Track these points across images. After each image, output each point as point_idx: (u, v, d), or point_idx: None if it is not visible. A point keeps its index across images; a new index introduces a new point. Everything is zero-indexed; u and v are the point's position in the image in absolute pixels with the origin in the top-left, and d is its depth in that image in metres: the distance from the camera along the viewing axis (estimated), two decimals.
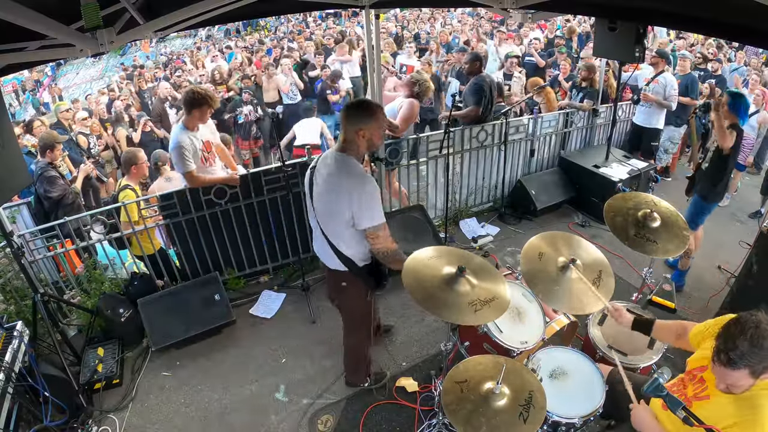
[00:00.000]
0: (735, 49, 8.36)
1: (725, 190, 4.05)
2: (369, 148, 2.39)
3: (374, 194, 2.29)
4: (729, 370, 1.50)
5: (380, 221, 2.31)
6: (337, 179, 2.31)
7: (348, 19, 15.05)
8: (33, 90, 13.08)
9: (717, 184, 3.78)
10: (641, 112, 5.60)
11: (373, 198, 2.28)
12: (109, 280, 3.99)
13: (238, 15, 2.93)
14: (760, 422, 1.49)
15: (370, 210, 2.27)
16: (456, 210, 5.20)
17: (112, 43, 2.11)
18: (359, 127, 2.27)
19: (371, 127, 2.29)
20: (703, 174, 3.83)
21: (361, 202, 2.26)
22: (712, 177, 3.75)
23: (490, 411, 1.97)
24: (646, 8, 2.82)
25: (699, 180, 3.88)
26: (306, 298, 4.02)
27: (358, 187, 2.26)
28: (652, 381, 1.47)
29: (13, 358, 2.72)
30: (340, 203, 2.29)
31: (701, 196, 3.87)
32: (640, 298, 3.38)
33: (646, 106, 5.48)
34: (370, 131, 2.29)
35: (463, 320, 2.25)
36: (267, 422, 3.07)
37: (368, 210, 2.27)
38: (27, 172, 2.82)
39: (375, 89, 4.02)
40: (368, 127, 2.28)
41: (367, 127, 2.28)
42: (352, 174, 2.29)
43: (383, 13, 3.84)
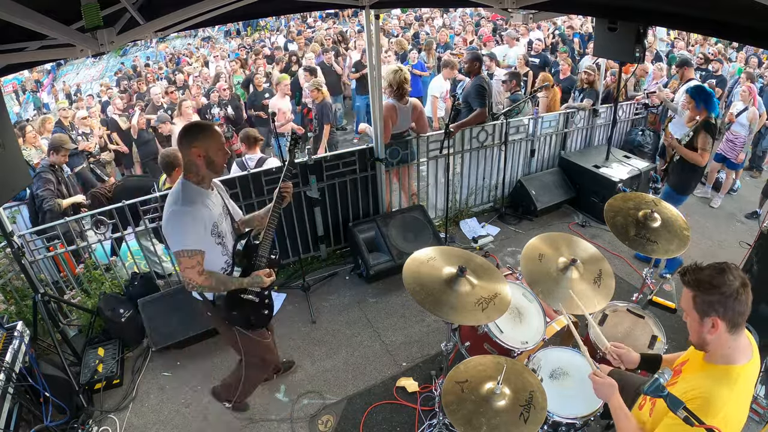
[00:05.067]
0: (735, 49, 8.37)
1: (697, 182, 4.17)
2: (210, 167, 2.26)
3: (183, 218, 2.19)
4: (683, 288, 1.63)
5: (183, 246, 2.18)
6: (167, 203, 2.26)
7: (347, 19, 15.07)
8: (34, 91, 13.09)
9: (689, 177, 3.94)
10: (673, 124, 5.51)
11: (180, 221, 2.18)
12: (110, 280, 4.00)
13: (238, 15, 2.93)
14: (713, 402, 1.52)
15: (175, 233, 2.19)
16: (456, 210, 5.20)
17: (112, 43, 2.11)
18: (192, 146, 2.20)
19: (206, 145, 2.21)
20: (674, 166, 3.90)
21: (168, 222, 2.20)
22: (682, 169, 3.88)
23: (490, 411, 1.97)
24: (646, 8, 2.82)
25: (671, 172, 3.94)
26: (306, 299, 4.02)
27: (169, 207, 2.21)
28: (652, 381, 1.47)
29: (14, 358, 2.73)
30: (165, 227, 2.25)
31: (673, 188, 4.00)
32: (640, 298, 3.38)
33: (677, 117, 5.41)
34: (204, 148, 2.20)
35: (471, 320, 2.26)
36: (267, 422, 3.07)
37: (174, 233, 2.20)
38: (27, 172, 2.82)
39: (375, 89, 4.01)
40: (201, 144, 2.20)
41: (200, 144, 2.20)
42: (172, 195, 2.25)
43: (383, 13, 3.83)
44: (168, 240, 2.24)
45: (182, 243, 2.19)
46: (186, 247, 2.19)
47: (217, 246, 2.34)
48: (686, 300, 1.63)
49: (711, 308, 1.56)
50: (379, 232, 4.32)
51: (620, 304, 2.96)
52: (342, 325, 3.85)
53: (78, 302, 3.85)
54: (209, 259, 2.29)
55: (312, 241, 4.54)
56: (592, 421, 2.30)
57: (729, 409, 1.52)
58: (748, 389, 1.60)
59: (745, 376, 1.58)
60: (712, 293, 1.55)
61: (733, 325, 1.56)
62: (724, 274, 1.55)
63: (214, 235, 2.31)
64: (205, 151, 2.21)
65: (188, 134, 2.23)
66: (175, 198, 2.24)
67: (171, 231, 2.21)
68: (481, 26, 11.81)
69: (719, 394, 1.53)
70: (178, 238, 2.20)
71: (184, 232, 2.19)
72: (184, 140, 2.22)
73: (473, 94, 4.85)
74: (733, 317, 1.54)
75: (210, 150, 2.22)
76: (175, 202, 2.22)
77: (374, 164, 4.41)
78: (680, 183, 3.97)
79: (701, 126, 3.78)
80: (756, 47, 6.60)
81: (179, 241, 2.19)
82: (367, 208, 4.62)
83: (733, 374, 1.56)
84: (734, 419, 1.55)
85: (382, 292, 4.18)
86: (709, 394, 1.54)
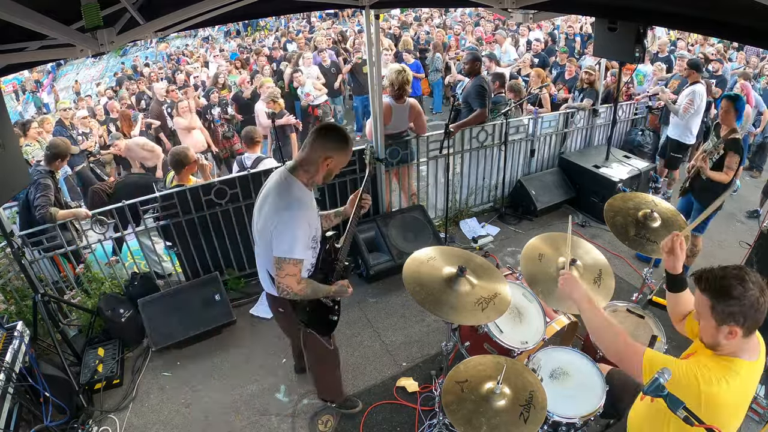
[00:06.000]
0: (735, 49, 8.37)
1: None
2: (325, 179, 2.24)
3: (299, 224, 2.12)
4: (698, 292, 1.59)
5: (290, 255, 2.11)
6: (270, 198, 2.18)
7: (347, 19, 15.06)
8: (34, 91, 13.10)
9: (719, 192, 3.79)
10: (673, 124, 5.54)
11: (292, 227, 2.11)
12: (110, 280, 4.00)
13: (238, 15, 2.93)
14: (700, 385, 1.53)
15: (284, 238, 2.10)
16: (456, 210, 5.20)
17: (112, 43, 2.11)
18: (328, 154, 2.14)
19: (338, 159, 2.17)
20: (705, 183, 3.81)
21: (279, 226, 2.11)
22: (715, 187, 3.76)
23: (490, 411, 1.97)
24: (646, 8, 2.82)
25: (701, 189, 3.86)
26: None
27: (285, 210, 2.12)
28: (652, 381, 1.47)
29: (14, 359, 2.73)
30: (268, 222, 2.16)
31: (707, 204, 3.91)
32: (640, 298, 3.38)
33: (675, 119, 5.39)
34: (336, 161, 2.17)
35: (470, 320, 2.26)
36: (267, 422, 3.07)
37: (282, 237, 2.10)
38: (27, 172, 2.82)
39: (375, 89, 4.01)
40: (335, 158, 2.16)
41: (334, 156, 2.15)
42: (284, 197, 2.14)
43: (383, 13, 3.83)
44: (278, 242, 2.12)
45: (291, 251, 2.11)
46: (294, 255, 2.11)
47: (311, 250, 2.27)
48: (703, 306, 1.57)
49: (731, 318, 1.51)
50: (379, 232, 4.32)
51: (620, 304, 2.96)
52: (342, 325, 3.82)
53: (78, 302, 3.85)
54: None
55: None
56: (592, 421, 2.30)
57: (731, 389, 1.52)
58: (750, 383, 1.60)
59: (748, 371, 1.58)
60: (732, 304, 1.50)
61: (749, 332, 1.55)
62: (745, 284, 1.49)
63: (313, 240, 2.26)
64: (335, 163, 2.18)
65: (330, 139, 2.15)
66: (289, 199, 2.13)
67: (282, 236, 2.10)
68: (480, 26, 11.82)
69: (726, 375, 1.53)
70: (288, 245, 2.10)
71: (296, 240, 2.11)
72: (323, 141, 2.14)
73: (473, 94, 4.85)
74: (751, 325, 1.53)
75: (338, 165, 2.20)
76: (290, 205, 2.12)
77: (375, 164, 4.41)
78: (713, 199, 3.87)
79: (731, 145, 3.64)
80: (756, 47, 6.60)
81: (289, 248, 2.10)
82: None
83: (737, 365, 1.56)
84: (732, 402, 1.56)
85: (382, 292, 4.18)
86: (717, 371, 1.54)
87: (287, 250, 2.11)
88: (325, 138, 2.15)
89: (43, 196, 3.69)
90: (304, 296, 2.27)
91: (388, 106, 4.29)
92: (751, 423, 2.89)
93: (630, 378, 2.31)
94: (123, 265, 4.12)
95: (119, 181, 4.89)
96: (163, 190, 3.83)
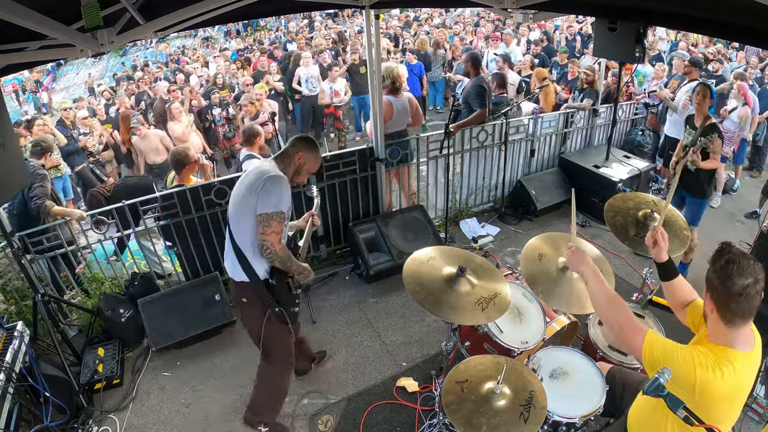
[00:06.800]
0: (735, 49, 8.37)
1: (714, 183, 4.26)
2: (297, 175, 2.51)
3: (283, 183, 2.34)
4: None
5: (278, 209, 2.30)
6: (252, 174, 2.39)
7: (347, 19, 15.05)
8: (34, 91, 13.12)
9: (709, 180, 3.98)
10: (669, 122, 5.53)
11: (280, 185, 2.32)
12: (110, 280, 4.00)
13: (238, 15, 2.94)
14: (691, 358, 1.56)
15: (271, 195, 2.30)
16: (456, 210, 5.20)
17: (112, 43, 2.11)
18: (300, 149, 2.47)
19: (308, 157, 2.49)
20: (693, 176, 3.90)
21: (267, 187, 2.30)
22: (703, 176, 3.90)
23: (490, 411, 1.97)
24: (646, 8, 2.82)
25: (690, 182, 3.93)
26: (306, 299, 4.02)
27: (267, 172, 2.34)
28: (652, 381, 1.47)
29: (14, 359, 2.73)
30: (250, 192, 2.33)
31: (701, 198, 4.00)
32: (640, 298, 3.38)
33: (675, 117, 5.41)
34: (305, 157, 2.48)
35: (471, 320, 2.26)
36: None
37: (270, 195, 2.29)
38: (27, 172, 2.82)
39: (375, 89, 4.01)
40: (305, 154, 2.48)
41: (304, 153, 2.47)
42: (267, 170, 2.37)
43: (383, 13, 3.83)
44: (264, 200, 2.29)
45: (279, 205, 2.30)
46: (281, 209, 2.31)
47: (285, 227, 2.45)
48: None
49: (708, 284, 1.60)
50: (379, 232, 4.32)
51: None
52: (342, 325, 3.85)
53: (78, 302, 3.85)
54: None
55: (312, 241, 4.54)
56: (592, 421, 2.30)
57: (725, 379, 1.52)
58: (745, 374, 1.59)
59: (742, 361, 1.57)
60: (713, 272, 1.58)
61: (721, 310, 1.56)
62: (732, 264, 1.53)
63: (287, 218, 2.43)
64: (304, 161, 2.49)
65: (305, 140, 2.53)
66: (270, 170, 2.37)
67: (269, 192, 2.29)
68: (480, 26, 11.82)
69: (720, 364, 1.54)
70: (275, 199, 2.30)
71: (283, 196, 2.32)
72: (299, 140, 2.51)
73: (473, 94, 4.85)
74: (722, 306, 1.55)
75: (308, 163, 2.51)
76: (275, 172, 2.36)
77: (374, 164, 4.42)
78: (704, 189, 3.98)
79: (715, 131, 3.81)
80: (756, 47, 6.60)
81: (277, 202, 2.30)
82: (367, 208, 4.62)
83: (731, 354, 1.56)
84: (726, 393, 1.55)
85: (382, 292, 4.18)
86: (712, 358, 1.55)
87: (275, 205, 2.30)
88: (302, 140, 2.53)
89: (41, 187, 3.72)
90: (283, 259, 2.40)
91: (387, 102, 4.30)
92: (751, 423, 2.88)
93: (630, 377, 2.31)
94: (123, 265, 4.12)
95: (118, 184, 4.89)
96: (163, 190, 3.83)
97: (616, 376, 2.35)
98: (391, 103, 4.31)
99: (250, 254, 2.42)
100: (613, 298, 1.81)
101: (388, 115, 4.31)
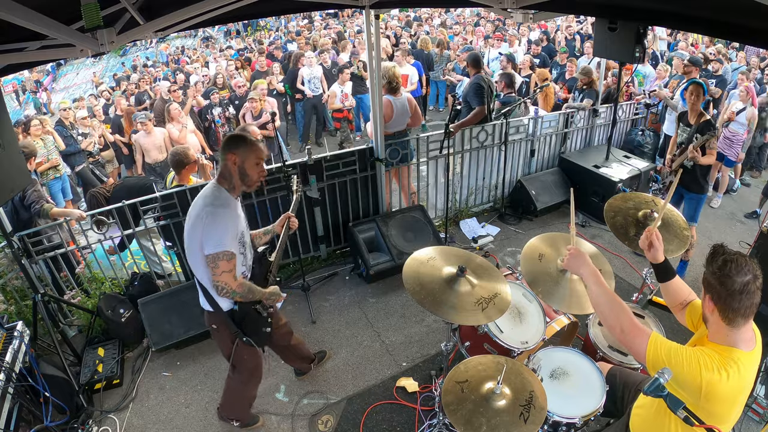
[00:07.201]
0: (735, 49, 8.36)
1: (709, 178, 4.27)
2: (243, 179, 2.27)
3: (222, 219, 2.17)
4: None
5: (222, 248, 2.15)
6: (196, 205, 2.24)
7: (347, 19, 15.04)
8: (34, 91, 13.12)
9: (705, 175, 3.99)
10: (668, 121, 5.51)
11: (217, 223, 2.15)
12: (110, 280, 4.00)
13: (238, 15, 2.94)
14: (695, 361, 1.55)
15: (212, 234, 2.15)
16: (456, 210, 5.20)
17: (112, 43, 2.11)
18: (230, 152, 2.22)
19: (242, 153, 2.23)
20: (689, 172, 3.91)
21: (205, 222, 2.15)
22: (700, 172, 3.92)
23: (490, 411, 1.97)
24: (646, 8, 2.81)
25: (687, 179, 3.94)
26: (306, 299, 4.02)
27: (204, 207, 2.18)
28: (653, 381, 1.47)
29: (14, 359, 2.73)
30: (195, 229, 2.20)
31: (699, 193, 4.02)
32: (640, 298, 3.38)
33: (674, 116, 5.41)
34: (241, 157, 2.23)
35: (471, 320, 2.26)
36: (267, 422, 3.07)
37: (211, 234, 2.15)
38: (27, 172, 2.82)
39: (375, 89, 4.01)
40: (237, 153, 2.22)
41: (235, 153, 2.22)
42: (205, 197, 2.22)
43: (383, 13, 3.83)
44: (207, 239, 2.16)
45: (222, 244, 2.15)
46: (226, 248, 2.16)
47: (240, 255, 2.31)
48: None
49: (707, 286, 1.60)
50: (379, 232, 4.32)
51: None
52: (342, 325, 3.85)
53: (78, 302, 3.85)
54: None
55: (312, 241, 4.54)
56: (592, 421, 2.30)
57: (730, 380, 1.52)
58: (747, 373, 1.60)
59: (746, 360, 1.58)
60: (712, 275, 1.57)
61: (723, 312, 1.56)
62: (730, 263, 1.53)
63: (240, 243, 2.30)
64: (241, 160, 2.23)
65: (230, 141, 2.26)
66: (212, 199, 2.21)
67: (209, 231, 2.15)
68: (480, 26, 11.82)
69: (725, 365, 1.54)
70: (217, 239, 2.14)
71: (224, 233, 2.16)
72: (225, 146, 2.26)
73: (471, 92, 4.87)
74: (724, 307, 1.55)
75: (246, 162, 2.24)
76: (213, 202, 2.19)
77: (374, 164, 4.42)
78: (701, 184, 3.99)
79: (712, 128, 3.82)
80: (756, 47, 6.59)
81: (218, 242, 2.14)
82: (367, 208, 4.62)
83: (735, 354, 1.57)
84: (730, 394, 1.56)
85: (382, 292, 4.18)
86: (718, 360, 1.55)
87: (218, 244, 2.15)
88: (226, 144, 2.27)
89: (35, 191, 3.73)
90: (243, 294, 2.30)
91: (387, 102, 4.31)
92: (751, 423, 2.88)
93: (630, 377, 2.31)
94: (123, 265, 4.12)
95: (117, 185, 4.90)
96: (163, 190, 3.83)
97: (616, 376, 2.35)
98: (391, 102, 4.31)
99: (209, 288, 2.31)
100: (614, 300, 1.79)
101: (388, 115, 4.31)
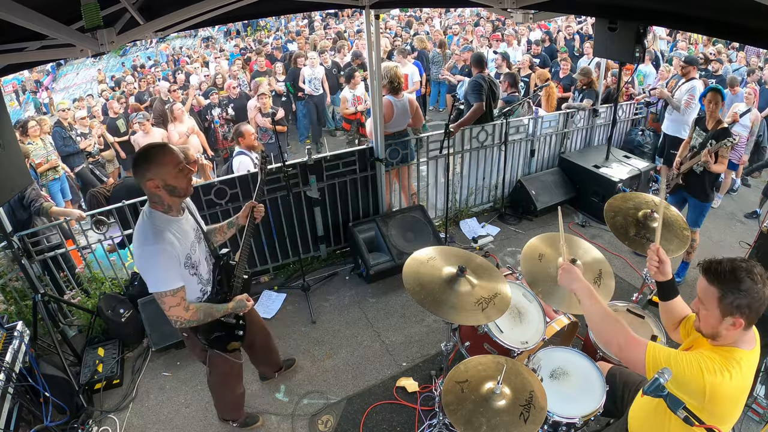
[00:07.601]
0: (735, 49, 8.37)
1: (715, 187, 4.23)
2: (174, 194, 2.07)
3: (158, 257, 2.01)
4: (704, 282, 1.57)
5: (164, 288, 2.04)
6: (134, 239, 2.12)
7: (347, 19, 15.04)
8: (34, 91, 13.12)
9: (713, 186, 3.95)
10: (668, 120, 5.52)
11: (156, 260, 2.02)
12: (110, 280, 3.99)
13: (238, 15, 2.93)
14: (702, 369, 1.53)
15: (150, 274, 2.04)
16: (456, 210, 5.20)
17: (112, 43, 2.11)
18: (147, 178, 2.01)
19: (156, 166, 2.00)
20: (697, 178, 3.88)
21: (142, 262, 2.05)
22: (707, 179, 3.86)
23: (490, 411, 1.97)
24: (646, 8, 2.82)
25: (694, 185, 3.91)
26: (306, 299, 4.02)
27: (140, 246, 2.04)
28: (652, 381, 1.47)
29: (14, 359, 2.72)
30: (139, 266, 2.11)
31: (702, 199, 3.96)
32: (640, 298, 3.38)
33: (675, 115, 5.37)
34: (160, 177, 2.00)
35: (471, 320, 2.26)
36: (267, 422, 3.07)
37: (149, 273, 2.04)
38: (27, 172, 2.82)
39: (375, 90, 4.01)
40: (151, 168, 2.00)
41: (150, 168, 2.00)
42: (141, 231, 2.07)
43: (383, 13, 3.83)
44: (146, 280, 2.08)
45: (163, 283, 2.05)
46: (168, 287, 2.06)
47: (192, 277, 2.22)
48: (709, 297, 1.56)
49: (737, 310, 1.51)
50: (379, 232, 4.32)
51: (620, 304, 2.96)
52: (342, 325, 3.85)
53: (78, 302, 3.85)
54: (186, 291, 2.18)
55: (312, 241, 4.54)
56: (592, 421, 2.30)
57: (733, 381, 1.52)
58: (748, 373, 1.60)
59: (747, 360, 1.59)
60: (741, 297, 1.50)
61: (751, 324, 1.57)
62: (754, 276, 1.50)
63: (188, 267, 2.17)
64: (162, 180, 2.01)
65: (139, 166, 2.03)
66: (144, 235, 2.05)
67: (147, 271, 2.05)
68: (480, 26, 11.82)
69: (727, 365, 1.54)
70: (156, 277, 2.05)
71: (163, 271, 2.04)
72: (138, 173, 2.03)
73: (470, 90, 4.89)
74: (753, 318, 1.54)
75: (167, 177, 2.02)
76: (145, 240, 2.04)
77: (374, 164, 4.42)
78: (707, 192, 3.93)
79: (729, 136, 3.72)
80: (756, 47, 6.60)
81: (159, 280, 2.05)
82: (367, 208, 4.62)
83: (737, 354, 1.57)
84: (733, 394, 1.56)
85: (382, 292, 4.18)
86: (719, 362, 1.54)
87: (159, 282, 2.05)
88: (135, 170, 2.06)
89: (33, 190, 3.74)
90: (199, 321, 2.23)
91: (388, 102, 4.31)
92: (751, 423, 2.88)
93: (630, 377, 2.31)
94: (123, 265, 4.12)
95: (117, 185, 4.90)
96: None
97: (616, 376, 2.35)
98: (391, 103, 4.31)
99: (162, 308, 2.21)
100: (608, 315, 1.75)
101: (389, 115, 4.31)
